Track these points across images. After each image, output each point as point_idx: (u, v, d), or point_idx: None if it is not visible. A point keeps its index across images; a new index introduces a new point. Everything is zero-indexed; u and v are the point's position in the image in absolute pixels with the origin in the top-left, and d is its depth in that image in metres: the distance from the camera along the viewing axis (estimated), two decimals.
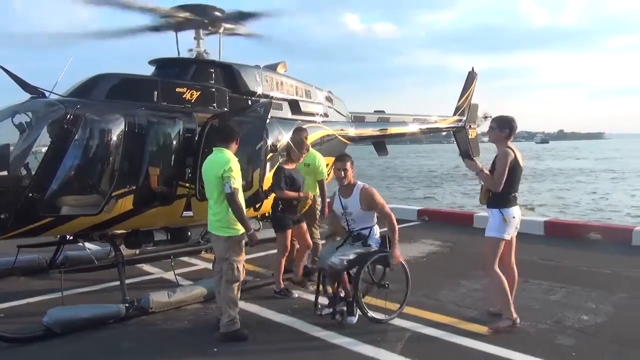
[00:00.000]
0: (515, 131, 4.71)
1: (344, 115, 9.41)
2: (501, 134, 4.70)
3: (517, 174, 4.66)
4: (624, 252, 7.97)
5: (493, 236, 4.67)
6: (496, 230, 4.64)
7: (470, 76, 13.08)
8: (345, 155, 5.40)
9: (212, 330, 4.92)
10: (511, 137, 4.71)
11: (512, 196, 4.66)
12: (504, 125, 4.72)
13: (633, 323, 4.96)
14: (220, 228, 4.83)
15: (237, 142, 5.13)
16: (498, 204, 4.63)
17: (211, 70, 6.97)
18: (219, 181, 4.69)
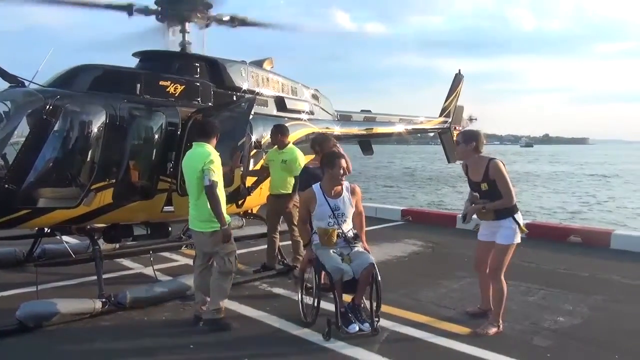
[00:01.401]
0: (482, 143, 4.64)
1: (330, 114, 9.40)
2: (467, 148, 4.64)
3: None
4: (602, 255, 8.07)
5: (509, 244, 4.59)
6: (512, 237, 4.57)
7: (456, 78, 13.17)
8: (342, 154, 5.17)
9: (190, 327, 4.89)
10: (480, 150, 4.63)
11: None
12: (469, 139, 4.66)
13: (607, 325, 5.02)
14: (204, 223, 4.83)
15: (217, 138, 5.15)
16: (509, 212, 4.55)
17: (196, 65, 6.91)
18: (200, 175, 4.71)
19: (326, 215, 4.80)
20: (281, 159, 6.52)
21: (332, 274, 4.53)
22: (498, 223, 4.57)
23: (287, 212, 6.51)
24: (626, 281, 6.60)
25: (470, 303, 5.44)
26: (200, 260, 5.10)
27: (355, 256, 4.70)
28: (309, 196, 4.88)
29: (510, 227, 4.52)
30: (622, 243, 8.47)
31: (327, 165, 4.80)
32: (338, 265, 4.56)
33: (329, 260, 4.65)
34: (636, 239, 8.62)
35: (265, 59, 8.10)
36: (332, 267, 4.56)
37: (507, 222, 4.52)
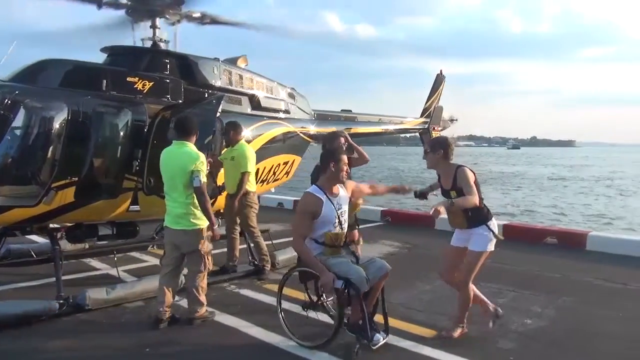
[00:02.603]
0: (450, 150, 4.51)
1: (307, 113, 9.30)
2: (435, 156, 4.53)
3: (479, 185, 4.52)
4: (577, 256, 8.07)
5: (482, 251, 4.46)
6: (485, 245, 4.45)
7: (438, 78, 13.15)
8: (343, 149, 4.94)
9: (149, 329, 4.77)
10: (448, 157, 4.50)
11: (485, 205, 4.53)
12: (436, 147, 4.55)
13: (573, 327, 4.99)
14: (186, 222, 4.81)
15: (198, 136, 5.14)
16: (481, 219, 4.43)
17: (166, 61, 6.76)
18: (187, 175, 4.73)
19: (333, 218, 4.29)
20: (231, 156, 6.40)
21: (360, 286, 4.04)
22: (473, 230, 4.47)
23: (240, 212, 6.36)
24: (598, 282, 6.59)
25: (440, 305, 5.38)
26: (171, 260, 5.00)
27: (370, 263, 4.33)
28: (313, 201, 4.24)
29: (484, 234, 4.42)
30: (598, 245, 8.48)
31: (330, 159, 4.32)
32: (363, 275, 4.08)
33: (353, 270, 4.10)
34: (612, 240, 8.66)
35: (239, 56, 7.97)
36: (359, 279, 4.04)
37: (481, 229, 4.42)
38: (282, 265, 7.02)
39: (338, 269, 4.11)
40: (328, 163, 4.31)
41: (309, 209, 4.23)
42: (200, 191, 4.75)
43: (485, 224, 4.40)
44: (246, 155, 6.34)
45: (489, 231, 4.38)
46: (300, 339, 4.40)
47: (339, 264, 4.17)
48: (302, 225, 4.25)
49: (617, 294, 6.11)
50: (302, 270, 4.40)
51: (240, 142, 6.42)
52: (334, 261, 4.18)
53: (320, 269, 4.07)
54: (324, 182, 4.36)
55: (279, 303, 4.58)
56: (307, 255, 4.18)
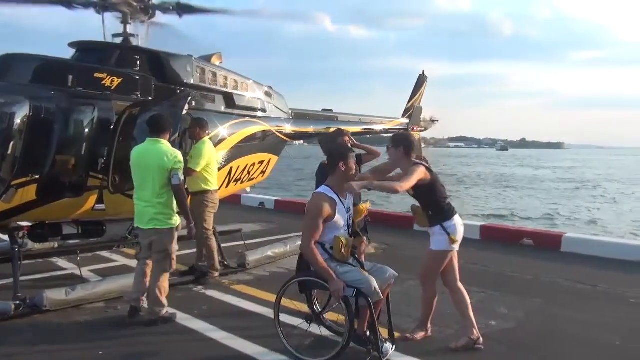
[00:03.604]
0: (412, 147, 4.44)
1: (285, 112, 9.21)
2: (397, 152, 4.44)
3: (438, 183, 4.46)
4: (551, 258, 8.06)
5: (436, 250, 4.38)
6: (440, 244, 4.36)
7: (420, 79, 13.14)
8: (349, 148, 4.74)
9: (110, 329, 4.68)
10: (409, 154, 4.41)
11: (447, 204, 4.45)
12: (397, 143, 4.47)
13: (538, 329, 4.96)
14: (157, 221, 4.77)
15: (171, 134, 5.13)
16: (440, 219, 4.36)
17: (136, 57, 6.63)
18: (164, 173, 4.71)
19: (344, 221, 4.03)
20: (192, 153, 6.28)
21: (371, 296, 3.84)
22: (432, 230, 4.44)
23: (196, 212, 6.20)
24: (569, 284, 6.58)
25: (407, 307, 5.32)
26: (146, 254, 4.98)
27: (377, 270, 4.12)
28: (327, 202, 3.92)
29: (439, 234, 4.37)
30: (573, 246, 8.49)
31: (340, 159, 4.05)
32: (375, 284, 3.85)
33: (364, 279, 3.86)
34: (586, 242, 8.68)
35: (213, 53, 7.86)
36: (370, 288, 3.83)
37: (437, 228, 4.37)
38: (252, 266, 6.93)
39: (347, 278, 3.86)
40: (337, 163, 4.05)
41: (322, 210, 3.88)
42: (179, 189, 4.77)
43: (441, 223, 4.35)
44: (200, 153, 6.18)
45: (444, 231, 4.33)
46: (304, 354, 4.08)
47: (348, 272, 3.92)
48: (314, 228, 3.87)
49: (585, 296, 6.10)
50: (304, 279, 4.12)
51: (202, 139, 6.30)
52: (342, 269, 3.92)
53: (330, 276, 3.79)
54: (334, 182, 4.07)
55: (276, 316, 4.20)
56: (318, 260, 3.84)
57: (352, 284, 3.84)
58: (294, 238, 7.95)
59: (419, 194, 4.40)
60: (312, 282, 4.05)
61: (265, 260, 7.21)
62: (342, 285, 3.78)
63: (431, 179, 4.33)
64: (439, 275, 4.51)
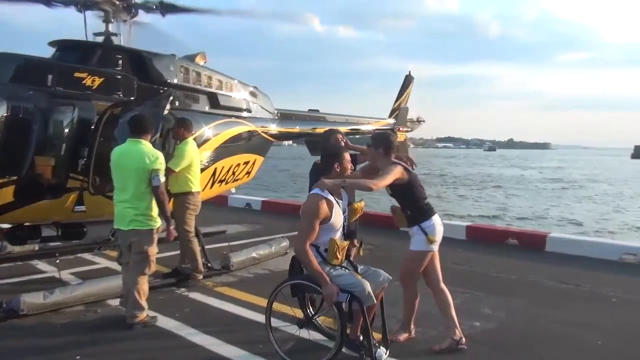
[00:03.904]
0: (391, 147, 4.39)
1: (270, 112, 9.14)
2: (376, 152, 4.41)
3: (416, 183, 4.43)
4: (536, 258, 8.10)
5: (415, 250, 4.36)
6: (418, 245, 4.34)
7: (407, 79, 13.15)
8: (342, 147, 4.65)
9: (89, 334, 4.60)
10: (389, 155, 4.37)
11: (426, 204, 4.42)
12: (377, 143, 4.44)
13: (521, 329, 4.96)
14: (138, 222, 4.72)
15: (152, 134, 5.07)
16: (417, 219, 4.33)
17: (118, 57, 6.53)
18: (144, 174, 4.66)
19: (341, 222, 3.93)
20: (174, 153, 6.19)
21: (365, 301, 3.74)
22: (410, 230, 4.42)
23: (177, 214, 6.15)
24: (552, 284, 6.61)
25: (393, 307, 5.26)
26: (128, 257, 4.91)
27: (370, 274, 4.02)
28: (325, 203, 3.79)
29: (417, 234, 4.36)
30: (557, 245, 8.53)
31: (334, 160, 3.95)
32: (368, 288, 3.75)
33: (357, 283, 3.76)
34: (570, 241, 8.73)
35: (197, 53, 7.78)
36: (364, 292, 3.72)
37: (415, 229, 4.36)
38: (236, 268, 6.86)
39: (340, 281, 3.76)
40: (332, 164, 3.95)
41: (319, 211, 3.75)
42: (160, 190, 4.73)
43: (418, 224, 4.33)
44: (182, 153, 6.08)
45: (422, 231, 4.31)
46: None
47: (342, 276, 3.82)
48: (310, 230, 3.75)
49: (568, 296, 6.12)
50: (296, 283, 3.99)
51: (185, 140, 6.21)
52: (335, 273, 3.82)
53: (324, 279, 3.68)
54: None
55: (268, 321, 4.07)
56: (312, 263, 3.71)
57: (345, 288, 3.73)
58: (278, 239, 7.91)
59: (397, 194, 4.39)
60: (305, 286, 3.95)
61: (250, 261, 7.14)
62: (336, 290, 3.67)
63: (408, 179, 4.31)
64: (419, 275, 4.49)
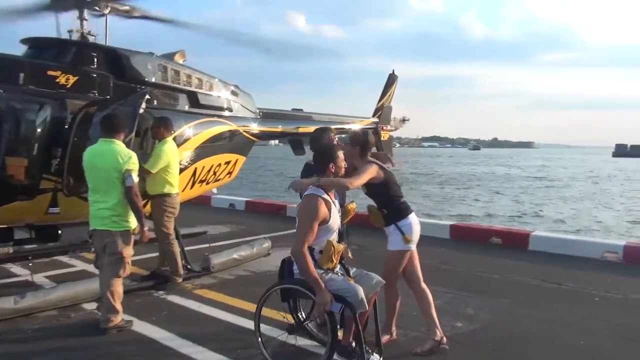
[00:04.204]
0: (368, 146, 4.31)
1: (252, 111, 9.01)
2: (353, 151, 4.32)
3: (391, 182, 4.35)
4: (519, 257, 8.09)
5: (393, 250, 4.29)
6: (396, 244, 4.27)
7: (390, 78, 13.11)
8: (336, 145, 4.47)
9: (61, 339, 4.45)
10: (365, 155, 4.29)
11: (402, 203, 4.35)
12: (354, 143, 4.35)
13: (504, 330, 4.93)
14: (113, 223, 4.60)
15: (125, 134, 4.94)
16: (393, 218, 4.27)
17: (93, 54, 6.36)
18: (117, 174, 4.55)
19: (338, 223, 3.82)
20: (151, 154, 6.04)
21: (357, 307, 3.60)
22: (387, 229, 4.35)
23: (155, 216, 6.04)
24: (535, 283, 6.60)
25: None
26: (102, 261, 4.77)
27: (363, 277, 3.89)
28: (322, 203, 3.66)
29: (394, 233, 4.29)
30: (540, 244, 8.55)
31: (329, 161, 3.82)
32: (362, 294, 3.62)
33: (350, 288, 3.62)
34: (552, 240, 8.75)
35: (176, 51, 7.63)
36: (357, 297, 3.58)
37: (391, 228, 4.30)
38: (217, 269, 6.73)
39: (332, 286, 3.61)
40: (327, 165, 3.81)
41: (319, 212, 3.62)
42: (133, 191, 4.62)
43: (395, 223, 4.27)
44: (158, 154, 5.92)
45: (398, 230, 4.25)
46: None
47: (334, 280, 3.67)
48: (310, 232, 3.60)
49: (551, 295, 6.11)
50: (287, 287, 3.85)
51: (164, 140, 6.07)
52: (327, 277, 3.66)
53: (319, 286, 3.52)
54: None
55: (257, 325, 3.96)
56: (309, 268, 3.55)
57: (337, 293, 3.60)
58: (260, 240, 7.79)
59: (372, 193, 4.33)
60: (297, 291, 3.78)
61: (231, 263, 7.01)
62: (329, 298, 3.51)
63: (384, 178, 4.25)
64: (398, 275, 4.42)
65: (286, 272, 3.91)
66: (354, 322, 3.72)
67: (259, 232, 9.10)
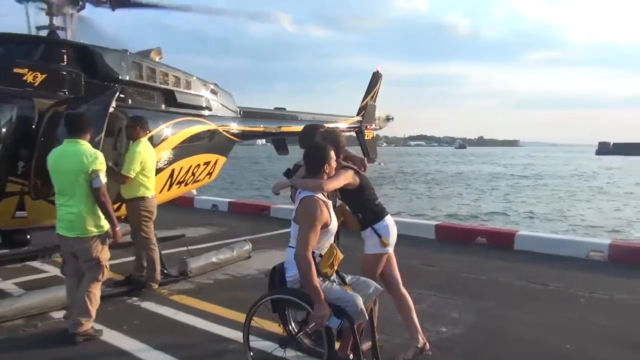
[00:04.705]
0: (341, 145, 4.07)
1: (232, 110, 8.80)
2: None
3: (366, 186, 4.14)
4: (504, 257, 7.98)
5: (369, 253, 4.10)
6: (372, 247, 4.08)
7: (374, 77, 12.97)
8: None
9: (25, 351, 4.21)
10: (338, 154, 3.98)
11: (377, 205, 4.16)
12: (326, 141, 4.05)
13: (488, 334, 4.79)
14: (83, 228, 4.40)
15: (92, 134, 4.70)
16: (369, 221, 4.07)
17: (63, 52, 6.10)
18: (84, 176, 4.34)
19: (336, 226, 3.59)
20: (124, 157, 5.79)
21: (356, 318, 3.37)
22: (363, 233, 4.17)
23: (132, 221, 5.82)
24: (521, 284, 6.48)
25: None
26: (73, 269, 4.61)
27: (359, 285, 3.65)
28: (323, 206, 3.45)
29: (370, 237, 4.12)
30: (525, 244, 8.45)
31: (324, 162, 3.56)
32: (361, 304, 3.38)
33: (349, 298, 3.39)
34: (538, 239, 8.66)
35: (152, 49, 7.39)
36: (358, 310, 3.35)
37: (368, 231, 4.12)
38: (195, 274, 6.51)
39: (330, 295, 3.36)
40: (320, 167, 3.55)
41: (322, 215, 3.39)
42: (101, 192, 4.43)
43: (371, 226, 4.10)
44: (132, 156, 5.67)
45: (375, 234, 4.08)
46: None
47: (332, 289, 3.43)
48: (315, 237, 3.35)
49: (536, 296, 5.99)
50: (281, 297, 3.57)
51: (138, 140, 5.82)
52: (324, 285, 3.42)
53: (319, 297, 3.26)
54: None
55: (245, 338, 3.68)
56: (312, 277, 3.27)
57: (336, 302, 3.36)
58: (241, 242, 7.59)
59: (347, 198, 4.13)
60: (291, 302, 3.52)
61: (210, 267, 6.80)
62: (328, 313, 3.26)
63: (360, 183, 4.05)
64: (376, 280, 4.24)
65: (277, 281, 3.63)
66: (351, 334, 3.48)
67: (242, 234, 8.90)
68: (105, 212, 4.50)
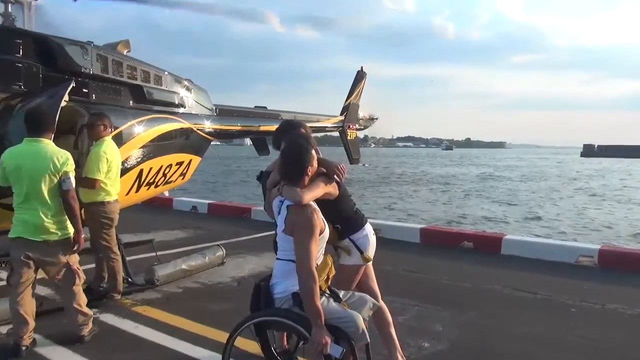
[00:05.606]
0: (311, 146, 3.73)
1: (208, 108, 8.36)
2: None
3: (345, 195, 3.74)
4: (491, 262, 7.66)
5: (351, 264, 3.70)
6: (354, 258, 3.68)
7: (358, 75, 12.63)
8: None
9: None
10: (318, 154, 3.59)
11: (355, 213, 3.77)
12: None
13: (474, 349, 4.43)
14: (50, 232, 4.10)
15: (53, 132, 4.37)
16: (347, 232, 3.68)
17: (18, 42, 5.62)
18: (53, 178, 4.06)
19: (328, 234, 3.20)
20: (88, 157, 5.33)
21: (358, 340, 2.99)
22: (342, 243, 3.77)
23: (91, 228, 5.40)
24: (508, 292, 6.14)
25: None
26: (25, 277, 4.16)
27: (356, 301, 3.25)
28: (318, 214, 3.08)
29: (349, 247, 3.73)
30: (513, 248, 8.13)
31: (306, 165, 3.14)
32: (361, 324, 3.00)
33: (350, 318, 2.99)
34: (526, 243, 8.37)
35: (119, 41, 6.93)
36: (360, 331, 2.97)
37: (345, 242, 3.73)
38: (163, 282, 6.07)
39: (331, 315, 2.96)
40: (304, 171, 3.12)
41: (319, 222, 3.03)
42: (70, 195, 4.18)
43: (348, 237, 3.71)
44: (96, 156, 5.23)
45: (351, 244, 3.69)
46: None
47: (330, 308, 3.01)
48: (315, 248, 2.94)
49: (524, 306, 5.65)
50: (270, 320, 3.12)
51: (101, 139, 5.37)
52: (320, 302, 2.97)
53: (320, 321, 2.84)
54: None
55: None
56: (315, 295, 2.85)
57: (335, 323, 2.95)
58: (213, 248, 7.16)
59: (325, 208, 3.70)
60: (282, 324, 3.06)
61: (179, 274, 6.35)
62: (329, 340, 2.83)
63: (339, 194, 3.65)
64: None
65: (264, 301, 3.11)
66: (351, 356, 3.03)
67: (220, 238, 8.53)
68: (73, 216, 4.23)
